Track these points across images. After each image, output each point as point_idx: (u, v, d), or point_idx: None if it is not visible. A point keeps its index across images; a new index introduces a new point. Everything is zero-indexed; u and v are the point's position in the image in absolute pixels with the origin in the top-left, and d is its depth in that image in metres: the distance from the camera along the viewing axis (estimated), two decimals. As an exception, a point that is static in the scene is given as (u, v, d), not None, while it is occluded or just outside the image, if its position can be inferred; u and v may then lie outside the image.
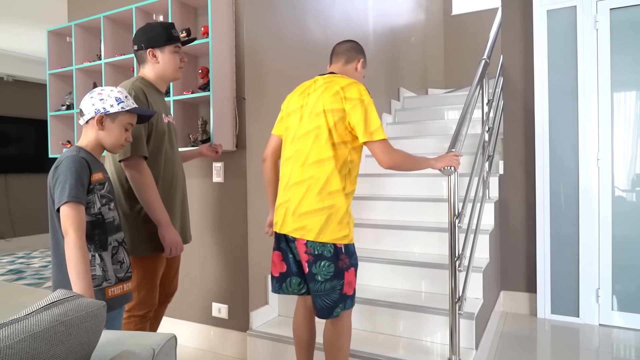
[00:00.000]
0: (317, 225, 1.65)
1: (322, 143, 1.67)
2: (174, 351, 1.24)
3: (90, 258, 1.46)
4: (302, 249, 1.69)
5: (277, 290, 1.83)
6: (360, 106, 1.66)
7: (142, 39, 1.83)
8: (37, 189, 6.30)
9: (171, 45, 1.85)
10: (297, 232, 1.68)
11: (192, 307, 2.65)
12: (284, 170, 1.79)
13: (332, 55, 1.90)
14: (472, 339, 2.15)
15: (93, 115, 1.50)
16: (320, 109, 1.70)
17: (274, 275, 1.83)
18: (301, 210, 1.68)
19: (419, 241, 2.79)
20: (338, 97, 1.68)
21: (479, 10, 6.01)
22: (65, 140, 2.94)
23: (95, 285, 1.46)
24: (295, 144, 1.75)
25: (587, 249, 2.82)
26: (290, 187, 1.73)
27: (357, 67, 1.89)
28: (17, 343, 0.79)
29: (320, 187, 1.66)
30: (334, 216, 1.66)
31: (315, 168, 1.67)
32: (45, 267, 4.94)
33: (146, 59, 1.85)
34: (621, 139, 2.76)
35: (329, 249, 1.66)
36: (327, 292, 1.66)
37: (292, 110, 1.82)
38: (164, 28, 1.84)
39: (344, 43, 1.90)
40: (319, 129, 1.69)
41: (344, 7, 3.56)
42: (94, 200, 1.48)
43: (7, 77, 5.87)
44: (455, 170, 1.91)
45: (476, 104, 2.60)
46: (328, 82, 1.74)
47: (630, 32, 2.73)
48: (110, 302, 1.50)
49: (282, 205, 1.76)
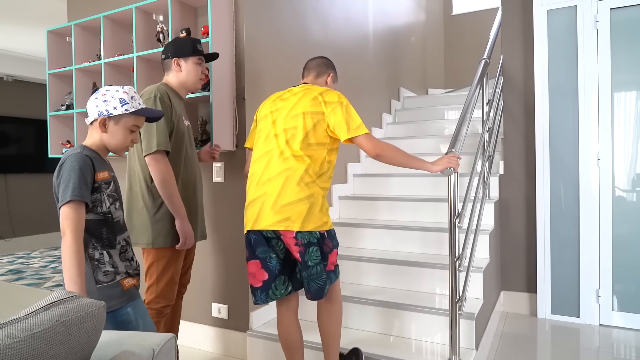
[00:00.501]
0: (301, 216, 1.70)
1: (298, 141, 1.75)
2: (173, 351, 1.24)
3: (99, 256, 1.44)
4: (291, 241, 1.73)
5: (265, 300, 1.80)
6: (340, 107, 1.76)
7: (170, 49, 2.00)
8: (37, 189, 6.29)
9: (195, 57, 2.01)
10: (281, 224, 1.71)
11: (192, 308, 2.65)
12: (255, 168, 1.82)
13: (304, 70, 2.02)
14: (472, 339, 2.15)
15: (96, 118, 1.48)
16: (300, 111, 1.78)
17: (256, 287, 1.80)
18: (283, 201, 1.71)
19: (419, 241, 2.78)
20: (317, 102, 1.78)
21: (479, 10, 6.02)
22: (65, 140, 2.94)
23: (110, 280, 1.45)
24: (269, 142, 1.81)
25: (587, 249, 2.82)
26: (264, 182, 1.76)
27: (327, 80, 1.99)
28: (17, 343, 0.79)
29: (299, 177, 1.72)
30: (315, 205, 1.73)
31: (292, 161, 1.74)
32: (45, 267, 4.94)
33: (171, 67, 2.01)
34: (621, 139, 2.76)
35: (315, 236, 1.73)
36: (318, 275, 1.74)
37: (263, 115, 1.89)
38: (191, 41, 2.01)
39: (315, 59, 2.01)
40: (295, 129, 1.77)
41: (344, 7, 3.56)
42: (101, 199, 1.46)
43: (7, 77, 5.87)
44: (455, 171, 1.92)
45: (476, 104, 2.60)
46: (305, 89, 1.85)
47: (630, 32, 2.73)
48: (131, 291, 1.49)
49: (257, 201, 1.76)
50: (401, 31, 4.85)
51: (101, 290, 1.43)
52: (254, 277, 1.81)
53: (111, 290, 1.44)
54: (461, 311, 1.98)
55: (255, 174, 1.80)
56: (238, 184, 2.47)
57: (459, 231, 1.99)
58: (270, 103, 1.89)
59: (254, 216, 1.77)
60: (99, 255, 1.45)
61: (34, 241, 6.22)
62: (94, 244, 1.45)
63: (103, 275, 1.44)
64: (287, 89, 1.93)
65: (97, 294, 1.41)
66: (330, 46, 3.32)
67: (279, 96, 1.90)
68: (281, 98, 1.88)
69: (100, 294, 1.42)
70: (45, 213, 6.37)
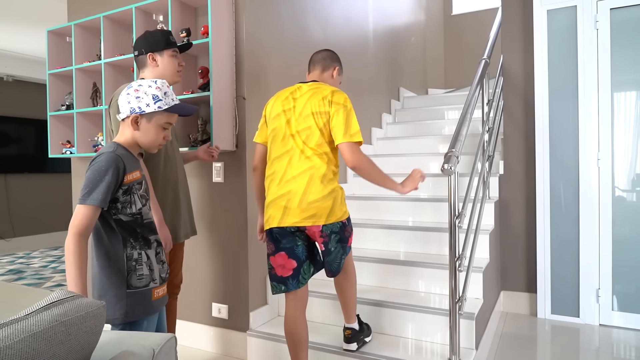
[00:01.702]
0: (326, 211, 1.81)
1: (316, 139, 1.83)
2: (173, 351, 1.24)
3: (137, 256, 1.39)
4: (317, 234, 1.84)
5: (297, 286, 1.89)
6: (343, 111, 1.83)
7: (143, 44, 1.93)
8: (37, 189, 6.29)
9: (170, 50, 1.94)
10: (308, 221, 1.81)
11: (192, 308, 2.65)
12: (276, 166, 1.87)
13: (310, 64, 2.05)
14: (472, 339, 2.15)
15: (128, 115, 1.40)
16: (309, 111, 1.85)
17: (287, 276, 1.87)
18: (309, 199, 1.80)
19: (419, 241, 2.78)
20: (325, 102, 1.84)
21: (479, 10, 6.02)
22: (65, 140, 2.94)
23: (143, 285, 1.39)
24: (286, 141, 1.87)
25: (587, 249, 2.82)
26: (288, 180, 1.83)
27: (332, 74, 2.04)
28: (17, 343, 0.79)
29: (322, 174, 1.82)
30: (337, 199, 1.85)
31: (315, 159, 1.83)
32: (45, 267, 4.94)
33: (146, 63, 1.94)
34: (621, 139, 2.76)
35: (337, 225, 1.86)
36: (338, 257, 1.90)
37: (275, 114, 1.91)
38: (163, 34, 1.95)
39: (321, 52, 2.04)
40: (309, 129, 1.84)
41: (344, 7, 3.56)
42: (133, 200, 1.40)
43: (7, 77, 5.87)
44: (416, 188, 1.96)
45: (476, 104, 2.60)
46: (314, 88, 1.89)
47: (630, 32, 2.73)
48: (156, 303, 1.44)
49: (281, 198, 1.83)
50: (401, 31, 4.85)
51: (130, 296, 1.37)
52: (283, 268, 1.87)
53: (141, 298, 1.38)
54: (461, 311, 1.98)
55: (277, 172, 1.87)
56: (238, 184, 2.47)
57: (459, 231, 1.99)
58: (282, 101, 1.92)
59: (279, 214, 1.83)
60: (137, 255, 1.39)
61: (34, 241, 6.22)
62: (132, 243, 1.39)
63: (137, 279, 1.39)
64: (296, 86, 1.95)
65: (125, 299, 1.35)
66: (330, 46, 3.32)
67: (291, 93, 1.92)
68: (293, 97, 1.91)
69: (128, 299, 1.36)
70: (45, 213, 6.37)
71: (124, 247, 1.38)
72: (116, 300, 1.36)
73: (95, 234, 1.40)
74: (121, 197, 1.37)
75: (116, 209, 1.37)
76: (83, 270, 1.29)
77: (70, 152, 2.85)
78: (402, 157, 3.60)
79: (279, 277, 1.88)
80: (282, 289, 1.89)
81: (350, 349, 2.12)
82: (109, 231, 1.38)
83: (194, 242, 2.62)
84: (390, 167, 3.64)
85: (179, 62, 1.99)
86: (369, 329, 2.24)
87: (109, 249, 1.37)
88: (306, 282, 1.92)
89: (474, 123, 3.70)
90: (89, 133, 2.81)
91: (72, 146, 2.90)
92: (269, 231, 1.88)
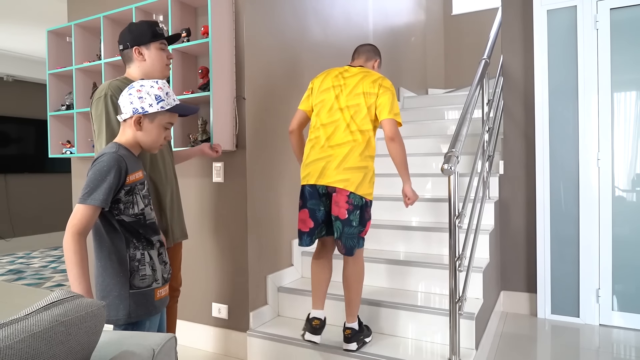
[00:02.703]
0: (357, 180, 2.02)
1: (362, 117, 2.06)
2: (173, 351, 1.24)
3: (140, 257, 1.39)
4: (344, 199, 2.02)
5: (309, 243, 2.13)
6: (390, 93, 2.08)
7: (127, 37, 1.79)
8: (37, 189, 6.29)
9: (157, 42, 1.81)
10: (341, 183, 2.02)
11: (192, 308, 2.65)
12: (321, 132, 2.10)
13: (355, 53, 2.31)
14: (472, 339, 2.15)
15: (131, 115, 1.39)
16: (360, 90, 2.08)
17: (304, 231, 2.12)
18: (346, 165, 2.03)
19: (419, 241, 2.78)
20: (376, 84, 2.09)
21: (479, 10, 6.02)
22: (65, 140, 2.94)
23: (146, 285, 1.39)
24: (334, 113, 2.10)
25: (587, 249, 2.82)
26: (331, 146, 2.06)
27: (374, 65, 2.30)
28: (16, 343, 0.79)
29: (361, 149, 2.04)
30: (367, 175, 2.05)
31: (358, 134, 2.05)
32: (45, 267, 4.94)
33: (132, 57, 1.80)
34: (621, 139, 2.76)
35: (362, 201, 2.04)
36: (353, 235, 2.05)
37: (325, 87, 2.15)
38: (149, 25, 1.81)
39: (366, 45, 2.31)
40: (358, 106, 2.07)
41: (344, 7, 3.56)
42: (135, 200, 1.39)
43: (7, 77, 5.87)
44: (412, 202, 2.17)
45: (476, 104, 2.60)
46: (364, 72, 2.15)
47: (630, 32, 2.73)
48: (158, 303, 1.44)
49: (322, 160, 2.06)
50: (401, 31, 4.85)
51: (133, 296, 1.37)
52: (303, 223, 2.12)
53: (143, 298, 1.38)
54: (461, 311, 1.98)
55: (321, 137, 2.09)
56: (238, 184, 2.47)
57: (459, 231, 1.99)
58: (332, 78, 2.15)
59: (317, 172, 2.06)
60: (140, 255, 1.39)
61: (34, 241, 6.22)
62: (135, 244, 1.39)
63: (140, 279, 1.38)
64: (344, 67, 2.19)
65: (128, 299, 1.36)
66: (330, 46, 3.32)
67: (340, 72, 2.16)
68: (343, 76, 2.15)
69: (131, 300, 1.36)
70: (45, 213, 6.37)
71: (126, 248, 1.37)
72: (119, 300, 1.36)
73: (97, 235, 1.39)
74: (123, 197, 1.37)
75: (118, 209, 1.37)
76: (85, 269, 1.28)
77: (70, 152, 2.85)
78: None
79: (299, 230, 2.15)
80: (298, 242, 2.16)
81: (350, 349, 2.14)
82: (112, 232, 1.38)
83: (194, 242, 2.62)
84: (391, 167, 3.64)
85: (167, 55, 1.85)
86: (369, 330, 2.26)
87: (111, 249, 1.37)
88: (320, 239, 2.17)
89: (474, 123, 3.70)
90: (89, 133, 2.81)
91: (72, 146, 2.90)
92: (303, 187, 2.12)
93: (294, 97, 2.88)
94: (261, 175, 2.57)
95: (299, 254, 2.90)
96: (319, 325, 2.13)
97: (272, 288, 2.63)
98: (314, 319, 2.14)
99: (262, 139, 2.58)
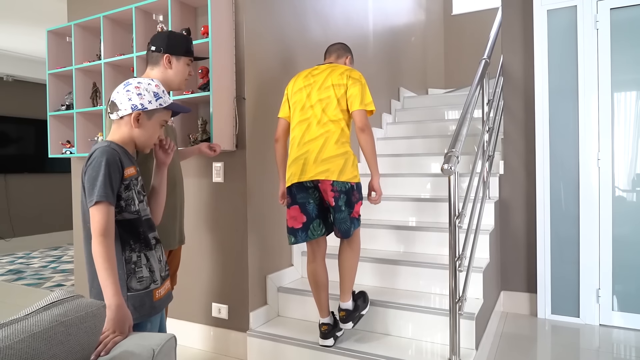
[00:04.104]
0: (338, 168, 2.07)
1: (333, 108, 2.12)
2: (173, 351, 1.24)
3: (136, 259, 1.37)
4: (328, 188, 2.09)
5: (305, 239, 2.15)
6: (359, 84, 2.14)
7: (163, 42, 1.86)
8: (37, 189, 6.29)
9: (187, 58, 1.91)
10: (322, 175, 2.07)
11: (192, 308, 2.65)
12: (296, 132, 2.17)
13: (326, 53, 2.39)
14: (472, 339, 2.15)
15: (130, 112, 1.37)
16: (329, 83, 2.15)
17: (297, 228, 2.15)
18: (323, 156, 2.08)
19: (419, 241, 2.78)
20: (344, 76, 2.15)
21: (479, 10, 6.02)
22: (65, 140, 2.94)
23: (143, 288, 1.37)
24: (306, 111, 2.16)
25: (587, 249, 2.82)
26: (306, 142, 2.12)
27: (345, 62, 2.37)
28: (16, 343, 0.79)
29: (336, 138, 2.10)
30: (348, 160, 2.10)
31: (330, 125, 2.11)
32: (45, 267, 4.94)
33: (160, 62, 1.87)
34: (621, 139, 2.76)
35: (347, 186, 2.10)
36: (345, 219, 2.12)
37: (297, 89, 2.22)
38: (186, 39, 1.91)
39: (336, 44, 2.40)
40: (328, 98, 2.14)
41: (344, 7, 3.55)
42: (132, 196, 1.38)
43: (7, 77, 5.87)
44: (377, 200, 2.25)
45: (476, 104, 2.60)
46: (332, 67, 2.21)
47: (630, 32, 2.73)
48: (158, 304, 1.43)
49: (300, 158, 2.11)
50: (401, 31, 4.85)
51: (132, 298, 1.35)
52: (295, 220, 2.16)
53: (141, 300, 1.37)
54: (461, 311, 1.98)
55: (296, 137, 2.16)
56: (238, 184, 2.47)
57: (459, 231, 1.99)
58: (303, 79, 2.23)
59: (298, 170, 2.11)
60: (137, 258, 1.38)
61: (34, 241, 6.22)
62: (131, 246, 1.37)
63: (137, 282, 1.37)
64: (313, 67, 2.26)
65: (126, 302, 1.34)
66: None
67: (309, 72, 2.24)
68: (312, 74, 2.22)
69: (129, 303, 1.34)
70: (45, 213, 6.37)
71: (122, 251, 1.36)
72: None
73: (87, 239, 1.37)
74: (123, 193, 1.36)
75: (120, 207, 1.36)
76: (114, 272, 1.27)
77: (70, 152, 2.85)
78: (403, 157, 3.60)
79: (291, 228, 2.17)
80: (292, 240, 2.17)
81: (347, 328, 2.23)
82: None
83: (194, 242, 2.62)
84: (391, 168, 3.64)
85: (189, 71, 1.95)
86: (365, 300, 2.29)
87: None
88: (317, 237, 2.17)
89: (474, 123, 3.70)
90: (89, 133, 2.81)
91: (72, 146, 2.90)
92: (289, 188, 2.16)
93: (294, 97, 2.88)
94: (261, 175, 2.57)
95: (299, 254, 2.90)
96: (327, 330, 2.19)
97: (272, 288, 2.63)
98: (322, 325, 2.21)
99: (262, 139, 2.58)
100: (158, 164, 1.56)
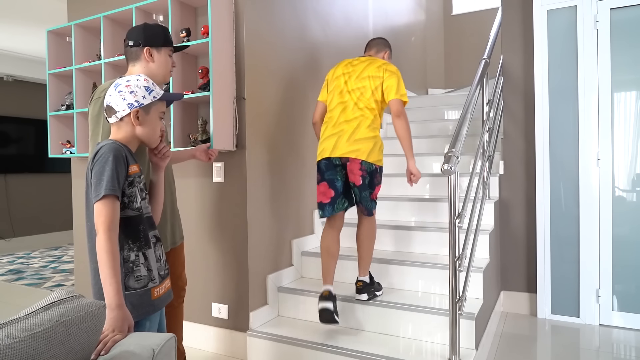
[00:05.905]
0: (367, 149, 2.27)
1: (367, 98, 2.33)
2: (173, 351, 1.24)
3: (134, 258, 1.37)
4: (357, 167, 2.27)
5: (331, 212, 2.34)
6: (395, 76, 2.35)
7: (140, 36, 1.76)
8: (37, 189, 6.29)
9: (167, 48, 1.82)
10: (353, 153, 2.26)
11: (192, 308, 2.65)
12: (333, 113, 2.37)
13: (367, 46, 2.61)
14: (472, 339, 2.15)
15: (128, 112, 1.37)
16: (366, 74, 2.35)
17: (325, 202, 2.35)
18: (356, 137, 2.28)
19: (418, 241, 2.78)
20: (381, 69, 2.35)
21: (479, 10, 6.02)
22: (65, 140, 2.94)
23: (141, 286, 1.37)
24: (343, 95, 2.37)
25: (587, 249, 2.82)
26: (341, 122, 2.32)
27: (384, 56, 2.57)
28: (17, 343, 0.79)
29: (369, 122, 2.31)
30: (376, 144, 2.30)
31: (365, 110, 2.32)
32: (45, 267, 4.94)
33: (140, 56, 1.78)
34: (621, 139, 2.76)
35: (372, 167, 2.30)
36: (367, 198, 2.32)
37: (337, 75, 2.43)
38: (163, 30, 1.82)
39: (377, 39, 2.61)
40: (364, 88, 2.34)
41: (344, 7, 3.56)
42: (135, 193, 1.38)
43: (7, 77, 5.87)
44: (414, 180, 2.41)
45: (476, 104, 2.60)
46: (371, 59, 2.42)
47: (630, 32, 2.73)
48: (157, 302, 1.42)
49: (334, 136, 2.31)
50: (401, 31, 4.85)
51: (129, 297, 1.35)
52: (324, 195, 2.35)
53: (139, 299, 1.36)
54: (461, 311, 1.98)
55: (333, 117, 2.36)
56: (238, 184, 2.47)
57: (459, 231, 1.99)
58: (343, 67, 2.44)
59: (330, 146, 2.30)
60: (135, 257, 1.37)
61: (34, 241, 6.22)
62: (130, 245, 1.37)
63: (135, 280, 1.36)
64: (355, 58, 2.47)
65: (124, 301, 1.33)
66: (330, 46, 3.32)
67: (349, 62, 2.44)
68: (352, 64, 2.42)
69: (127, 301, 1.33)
70: (45, 213, 6.37)
71: (121, 250, 1.35)
72: None
73: (91, 236, 1.38)
74: (127, 189, 1.36)
75: (123, 203, 1.36)
76: (117, 270, 1.27)
77: (70, 152, 2.85)
78: (403, 157, 3.60)
79: (320, 203, 2.36)
80: (320, 213, 2.37)
81: (361, 299, 2.37)
82: None
83: (194, 242, 2.62)
84: (391, 168, 3.64)
85: (172, 62, 1.85)
86: (379, 285, 2.47)
87: None
88: (339, 212, 2.36)
89: (474, 123, 3.70)
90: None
91: (72, 146, 2.90)
92: (319, 163, 2.35)
93: (294, 96, 2.88)
94: (261, 175, 2.57)
95: (299, 254, 2.90)
96: (328, 295, 2.25)
97: (272, 288, 2.63)
98: (324, 290, 2.28)
99: (262, 139, 2.58)
100: (154, 168, 1.56)
